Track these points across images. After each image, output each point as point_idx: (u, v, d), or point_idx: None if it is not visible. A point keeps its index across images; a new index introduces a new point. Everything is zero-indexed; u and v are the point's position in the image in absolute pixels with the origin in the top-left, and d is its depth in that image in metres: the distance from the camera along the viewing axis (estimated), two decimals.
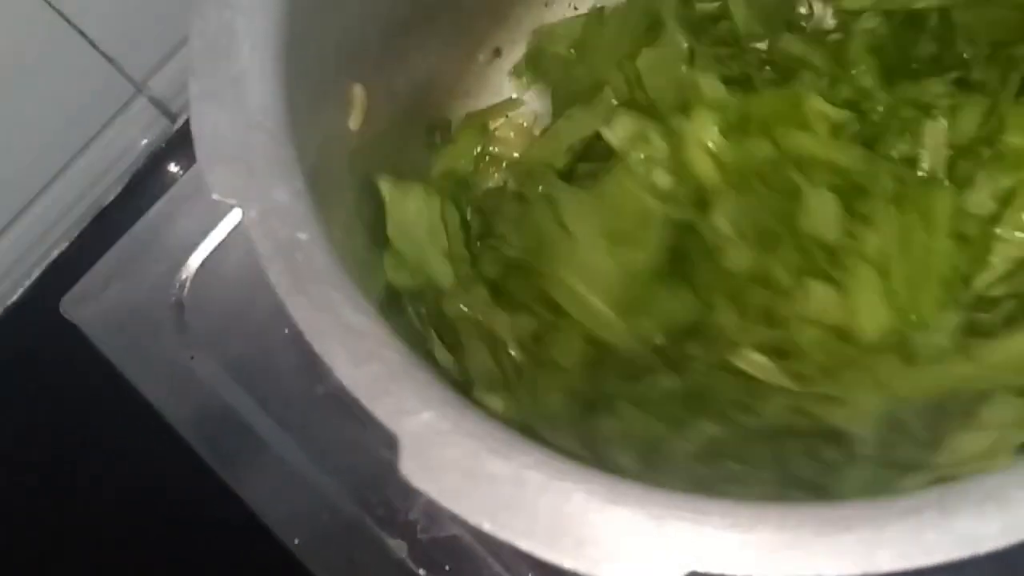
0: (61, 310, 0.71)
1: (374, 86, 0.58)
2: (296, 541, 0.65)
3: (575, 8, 0.72)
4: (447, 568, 0.64)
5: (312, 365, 0.66)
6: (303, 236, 0.43)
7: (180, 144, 0.82)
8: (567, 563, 0.38)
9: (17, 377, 0.78)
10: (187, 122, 0.80)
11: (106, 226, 0.81)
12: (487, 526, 0.39)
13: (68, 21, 0.73)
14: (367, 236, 0.56)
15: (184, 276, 0.72)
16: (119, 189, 0.82)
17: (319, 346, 0.41)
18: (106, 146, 0.81)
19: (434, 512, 0.64)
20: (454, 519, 0.61)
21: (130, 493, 0.73)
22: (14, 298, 0.81)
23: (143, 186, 0.82)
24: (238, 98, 0.46)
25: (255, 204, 0.44)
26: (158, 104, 0.81)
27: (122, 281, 0.72)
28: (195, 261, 0.72)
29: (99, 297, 0.71)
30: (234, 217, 0.72)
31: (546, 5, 0.71)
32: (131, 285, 0.72)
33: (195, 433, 0.68)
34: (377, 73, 0.59)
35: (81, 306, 0.71)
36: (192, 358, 0.69)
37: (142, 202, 0.80)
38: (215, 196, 0.43)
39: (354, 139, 0.57)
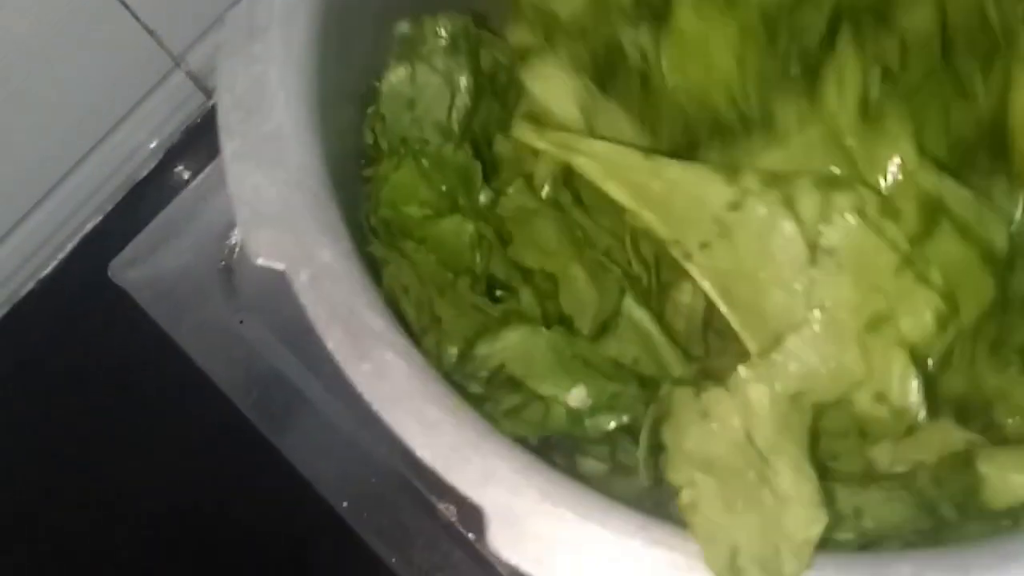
0: (109, 274, 0.71)
1: None
2: (344, 504, 0.65)
3: None
4: None
5: None
6: (357, 298, 0.42)
7: (215, 118, 0.82)
8: None
9: (55, 345, 0.78)
10: None
11: (140, 200, 0.81)
12: None
13: None
14: None
15: (233, 240, 0.72)
16: (153, 164, 0.82)
17: (389, 417, 0.40)
18: (143, 119, 0.81)
19: None
20: None
21: (178, 457, 0.73)
22: (48, 270, 0.81)
23: (178, 161, 0.82)
24: (276, 156, 0.44)
25: (304, 268, 0.42)
26: (195, 78, 0.82)
27: (171, 245, 0.72)
28: None
29: (148, 261, 0.71)
30: None
31: None
32: (180, 249, 0.72)
33: (244, 396, 0.68)
34: None
35: (130, 270, 0.71)
36: (241, 322, 0.69)
37: (176, 177, 0.81)
38: (260, 262, 0.42)
39: None
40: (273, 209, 0.43)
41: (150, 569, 0.73)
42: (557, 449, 0.50)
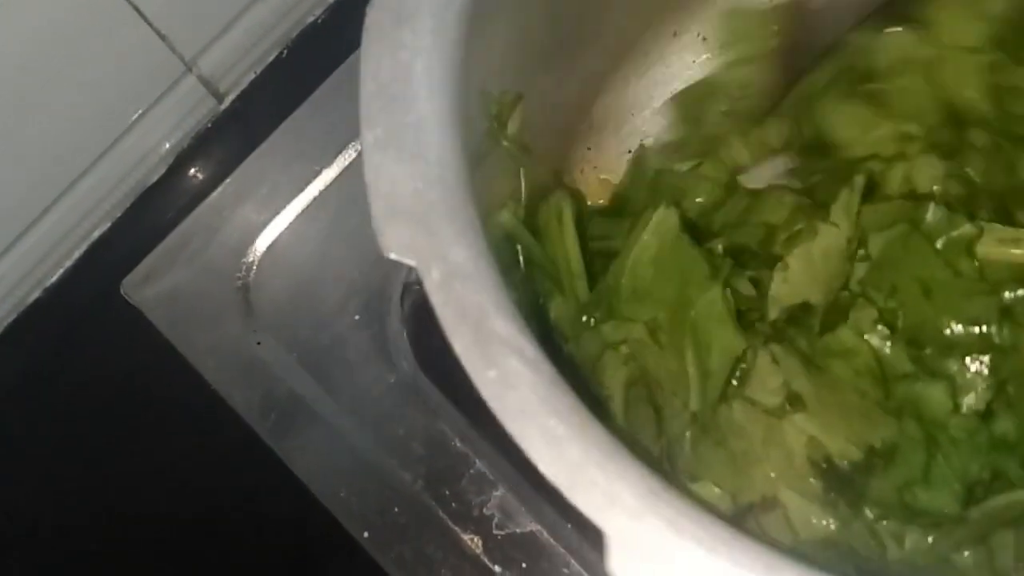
0: (122, 292, 0.69)
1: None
2: (365, 534, 0.64)
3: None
4: (524, 566, 0.62)
5: (384, 353, 0.66)
6: (487, 301, 0.41)
7: (227, 124, 0.80)
8: None
9: (61, 355, 0.77)
10: (234, 101, 0.80)
11: (149, 206, 0.80)
12: None
13: None
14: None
15: (250, 259, 0.70)
16: (163, 170, 0.80)
17: (512, 427, 0.39)
18: (153, 125, 0.79)
19: (510, 508, 0.63)
20: (534, 515, 0.61)
21: (189, 478, 0.71)
22: (55, 278, 0.79)
23: (188, 166, 0.80)
24: (415, 149, 0.43)
25: (436, 265, 0.41)
26: (207, 83, 0.80)
27: (186, 263, 0.70)
28: (262, 244, 0.70)
29: (162, 279, 0.69)
30: (302, 200, 0.71)
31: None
32: (195, 267, 0.70)
33: (260, 420, 0.66)
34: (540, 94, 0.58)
35: (144, 288, 0.69)
36: (258, 343, 0.68)
37: (186, 183, 0.79)
38: (392, 256, 0.41)
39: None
40: (408, 204, 0.42)
41: None
42: None
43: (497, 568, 0.63)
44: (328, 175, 0.72)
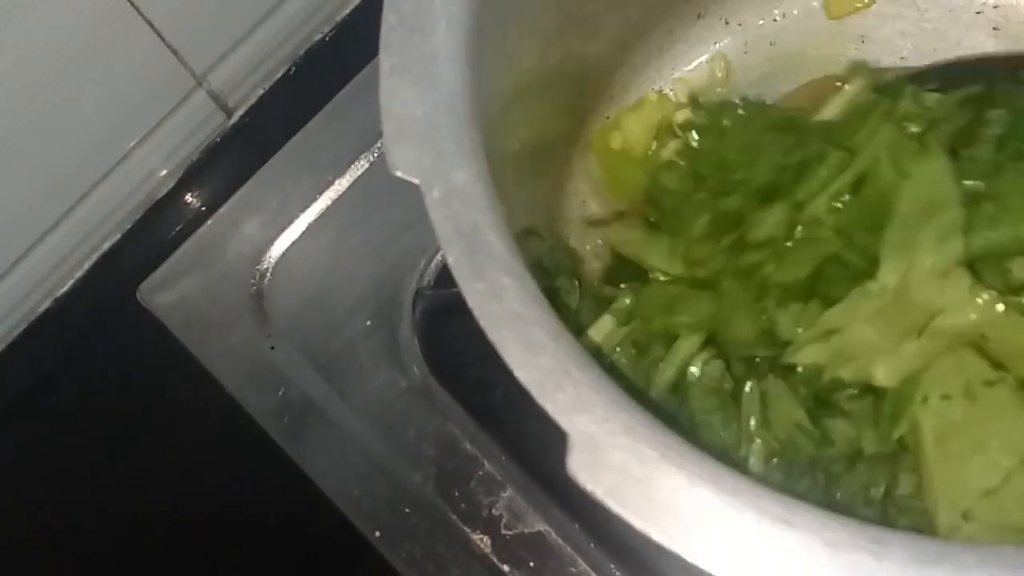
0: (138, 297, 0.70)
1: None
2: (377, 534, 0.65)
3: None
4: (531, 564, 0.64)
5: (395, 358, 0.68)
6: (482, 219, 0.43)
7: (235, 139, 0.82)
8: None
9: (71, 364, 0.78)
10: (243, 117, 0.81)
11: (159, 218, 0.81)
12: (654, 534, 0.39)
13: (138, 10, 0.72)
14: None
15: (264, 266, 0.71)
16: (173, 183, 0.82)
17: (492, 334, 0.41)
18: (164, 138, 0.80)
19: (518, 508, 0.64)
20: (542, 515, 0.62)
21: (207, 483, 0.72)
22: (65, 289, 0.80)
23: (197, 180, 0.81)
24: (429, 76, 0.46)
25: (437, 185, 0.44)
26: (216, 98, 0.81)
27: (201, 269, 0.71)
28: (276, 250, 0.72)
29: (177, 285, 0.71)
30: (315, 209, 0.72)
31: None
32: (210, 273, 0.71)
33: (274, 422, 0.67)
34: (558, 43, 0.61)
35: (159, 294, 0.70)
36: (272, 348, 0.69)
37: (195, 196, 0.80)
38: (397, 174, 0.43)
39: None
40: (417, 127, 0.45)
41: None
42: None
43: (505, 567, 0.64)
44: (340, 185, 0.73)
